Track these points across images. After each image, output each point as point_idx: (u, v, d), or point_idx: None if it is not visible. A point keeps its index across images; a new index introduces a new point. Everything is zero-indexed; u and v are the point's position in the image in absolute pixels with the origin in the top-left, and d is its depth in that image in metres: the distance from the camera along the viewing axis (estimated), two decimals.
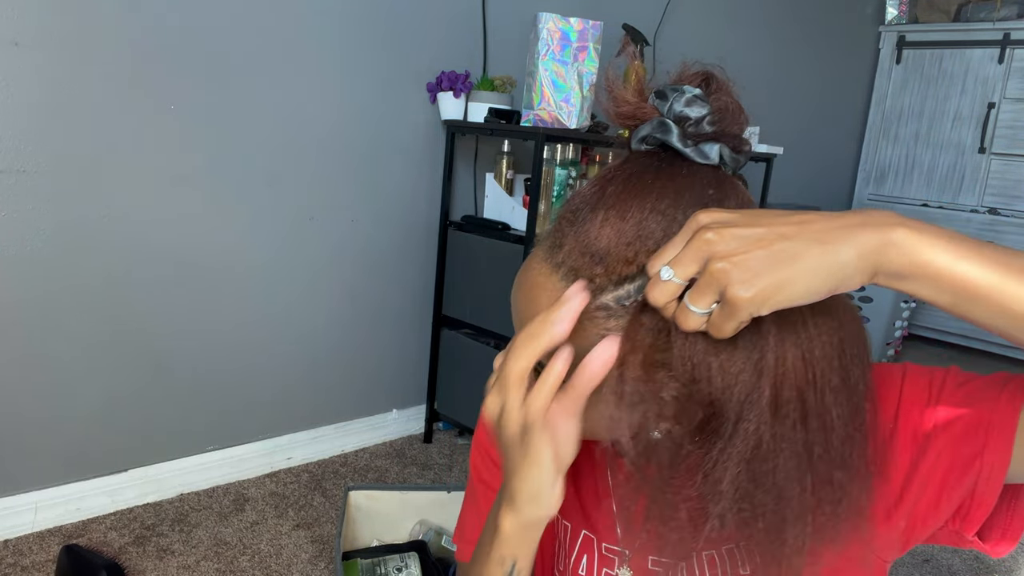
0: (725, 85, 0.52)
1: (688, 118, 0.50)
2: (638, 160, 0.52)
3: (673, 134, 0.50)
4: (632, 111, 0.52)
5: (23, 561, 1.52)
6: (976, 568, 1.83)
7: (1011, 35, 3.47)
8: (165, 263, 1.71)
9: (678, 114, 0.50)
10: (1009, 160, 3.52)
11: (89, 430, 1.67)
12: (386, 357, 2.20)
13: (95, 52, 1.52)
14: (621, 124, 0.53)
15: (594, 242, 0.49)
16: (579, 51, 1.88)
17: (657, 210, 0.48)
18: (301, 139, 1.87)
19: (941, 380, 0.54)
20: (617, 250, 0.48)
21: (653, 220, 0.48)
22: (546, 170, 1.92)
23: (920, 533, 0.55)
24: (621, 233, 0.48)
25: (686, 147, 0.50)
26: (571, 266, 0.50)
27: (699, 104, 0.50)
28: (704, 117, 0.50)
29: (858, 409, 0.49)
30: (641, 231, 0.48)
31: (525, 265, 0.55)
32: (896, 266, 0.41)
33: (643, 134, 0.51)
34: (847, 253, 0.41)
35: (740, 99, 0.52)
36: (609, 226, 0.49)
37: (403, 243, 2.15)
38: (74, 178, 1.55)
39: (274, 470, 2.00)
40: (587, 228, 0.50)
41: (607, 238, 0.49)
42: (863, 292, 3.22)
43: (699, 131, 0.50)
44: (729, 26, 3.04)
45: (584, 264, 0.49)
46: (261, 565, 1.58)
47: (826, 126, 3.80)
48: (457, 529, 0.75)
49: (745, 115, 0.52)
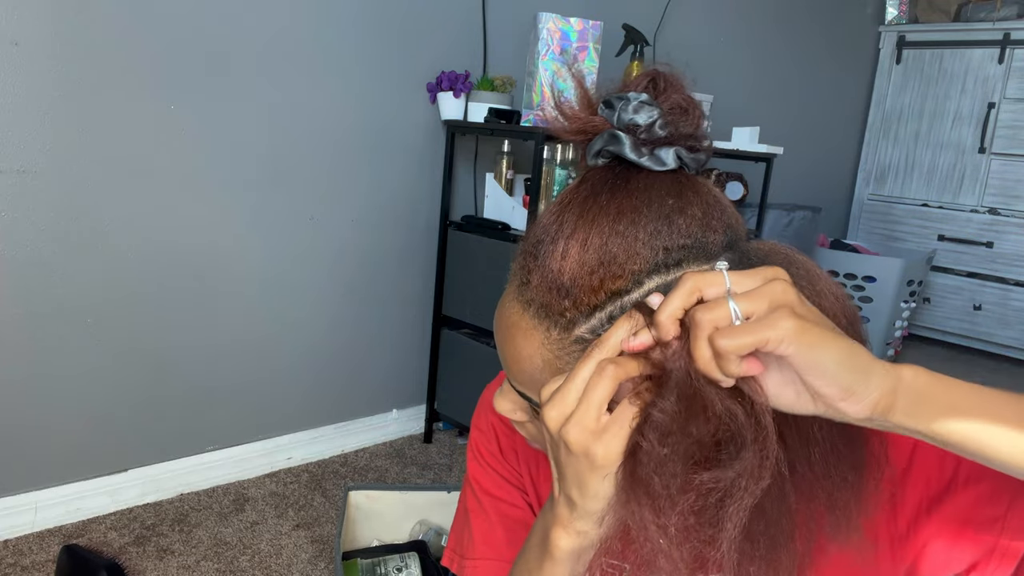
0: (674, 81, 0.50)
1: (638, 125, 0.48)
2: (595, 177, 0.50)
3: (625, 145, 0.48)
4: (581, 126, 0.50)
5: (23, 561, 1.52)
6: None
7: (1011, 35, 3.47)
8: (165, 263, 1.71)
9: (627, 123, 0.48)
10: (1009, 160, 3.52)
11: (89, 430, 1.67)
12: (386, 357, 2.20)
13: (95, 52, 1.52)
14: (573, 140, 0.51)
15: (558, 276, 0.48)
16: (579, 51, 1.88)
17: (616, 232, 0.47)
18: (301, 139, 1.87)
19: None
20: (582, 281, 0.47)
21: (613, 243, 0.46)
22: (546, 170, 1.92)
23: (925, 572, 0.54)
24: (583, 263, 0.47)
25: (641, 157, 0.48)
26: (540, 303, 0.49)
27: (647, 108, 0.48)
28: (654, 121, 0.48)
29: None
30: (603, 257, 0.47)
31: (500, 303, 0.54)
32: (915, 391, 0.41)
33: (596, 148, 0.49)
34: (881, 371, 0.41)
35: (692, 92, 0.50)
36: (571, 258, 0.47)
37: (403, 243, 2.15)
38: (74, 178, 1.55)
39: (274, 470, 2.00)
40: (549, 263, 0.48)
41: (570, 271, 0.47)
42: (863, 292, 3.22)
43: (652, 136, 0.48)
44: (729, 26, 3.04)
45: (552, 300, 0.48)
46: (261, 565, 1.58)
47: (826, 126, 3.80)
48: (457, 544, 0.71)
49: (699, 109, 0.50)
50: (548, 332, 0.49)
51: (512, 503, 0.69)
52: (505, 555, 0.67)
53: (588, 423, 0.45)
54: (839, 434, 0.47)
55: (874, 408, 0.40)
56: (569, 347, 0.48)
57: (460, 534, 0.71)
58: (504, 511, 0.69)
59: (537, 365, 0.50)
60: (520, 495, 0.70)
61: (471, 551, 0.69)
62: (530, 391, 0.52)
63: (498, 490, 0.69)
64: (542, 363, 0.50)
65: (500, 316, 0.53)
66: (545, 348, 0.49)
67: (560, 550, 0.50)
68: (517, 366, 0.52)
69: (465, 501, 0.72)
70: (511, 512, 0.69)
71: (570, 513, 0.49)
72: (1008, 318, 3.53)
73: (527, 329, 0.50)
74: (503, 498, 0.69)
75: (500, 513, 0.69)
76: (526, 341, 0.50)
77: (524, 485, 0.70)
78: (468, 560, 0.68)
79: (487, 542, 0.68)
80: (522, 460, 0.70)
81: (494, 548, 0.68)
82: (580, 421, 0.45)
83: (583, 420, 0.45)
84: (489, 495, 0.70)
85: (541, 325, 0.49)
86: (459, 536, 0.71)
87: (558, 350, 0.49)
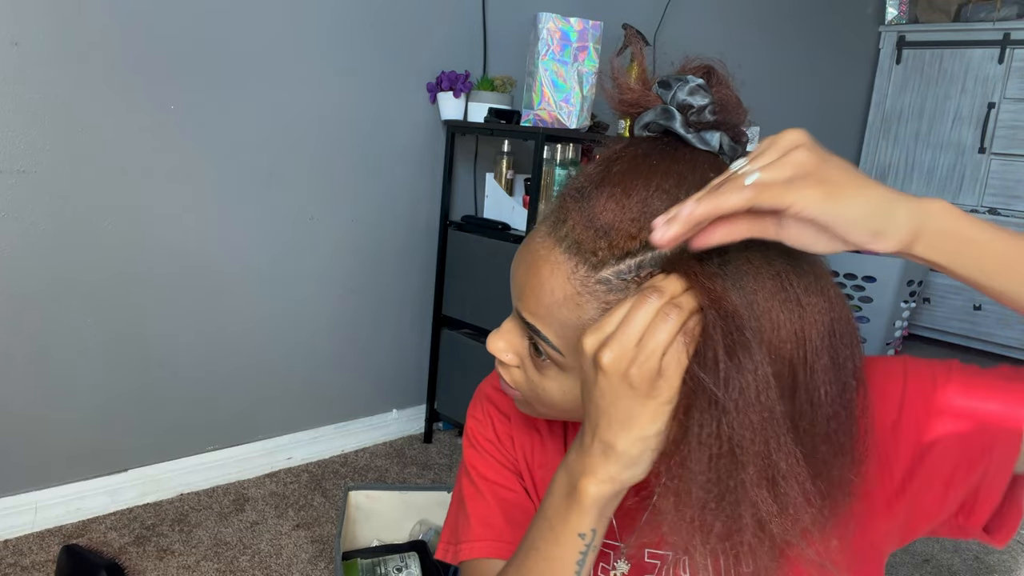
0: (725, 79, 0.54)
1: (691, 106, 0.52)
2: (642, 144, 0.53)
3: (676, 120, 0.52)
4: (636, 99, 0.53)
5: (23, 561, 1.52)
6: (976, 568, 1.83)
7: (1011, 35, 3.47)
8: (165, 263, 1.71)
9: (681, 102, 0.52)
10: (1009, 160, 3.52)
11: (89, 430, 1.67)
12: (386, 357, 2.20)
13: (95, 52, 1.52)
14: (624, 111, 0.54)
15: (599, 217, 0.50)
16: (579, 51, 1.88)
17: (662, 189, 0.49)
18: (301, 139, 1.87)
19: (945, 373, 0.54)
20: (621, 225, 0.49)
21: (657, 199, 0.49)
22: (546, 170, 1.92)
23: (922, 526, 0.56)
24: (626, 209, 0.49)
25: (688, 133, 0.51)
26: (575, 239, 0.51)
27: (702, 93, 0.51)
28: (706, 106, 0.52)
29: (846, 389, 0.50)
30: (646, 208, 0.49)
31: (527, 239, 0.56)
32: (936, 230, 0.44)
33: (646, 120, 0.53)
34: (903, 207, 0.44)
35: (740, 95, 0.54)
36: (614, 202, 0.50)
37: (403, 243, 2.15)
38: (74, 178, 1.55)
39: (274, 470, 2.00)
40: (592, 204, 0.51)
41: (612, 213, 0.50)
42: (863, 292, 3.22)
43: (701, 119, 0.52)
44: (729, 26, 3.04)
45: (588, 237, 0.50)
46: (261, 565, 1.58)
47: (826, 126, 3.80)
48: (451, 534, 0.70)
49: (744, 109, 0.54)
50: (576, 268, 0.51)
51: (509, 487, 0.70)
52: (504, 536, 0.67)
53: (652, 364, 0.46)
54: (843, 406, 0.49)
55: (900, 244, 0.44)
56: (593, 286, 0.50)
57: (454, 524, 0.71)
58: (501, 495, 0.69)
59: (557, 298, 0.52)
60: (516, 480, 0.70)
61: (467, 534, 0.68)
62: (542, 323, 0.54)
63: (495, 475, 0.70)
64: (563, 297, 0.52)
65: (526, 249, 0.55)
66: (569, 283, 0.51)
67: (590, 497, 0.51)
68: (535, 298, 0.53)
69: (460, 491, 0.72)
70: (508, 496, 0.69)
71: (605, 459, 0.50)
72: (1008, 318, 3.53)
73: (555, 263, 0.52)
74: (500, 482, 0.70)
75: (498, 496, 0.69)
76: (552, 274, 0.52)
77: (520, 471, 0.71)
78: (464, 543, 0.68)
79: (485, 524, 0.68)
80: (518, 446, 0.71)
81: (493, 529, 0.68)
82: (644, 363, 0.46)
83: (647, 362, 0.46)
84: (486, 480, 0.70)
85: (570, 260, 0.51)
86: (453, 526, 0.71)
87: (581, 287, 0.51)
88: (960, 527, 0.55)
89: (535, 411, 0.62)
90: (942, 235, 0.45)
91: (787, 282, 0.48)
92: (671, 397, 0.47)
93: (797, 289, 0.48)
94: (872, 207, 0.43)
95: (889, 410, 0.54)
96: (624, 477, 0.50)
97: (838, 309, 0.50)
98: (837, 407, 0.49)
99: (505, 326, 0.60)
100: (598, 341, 0.48)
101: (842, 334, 0.50)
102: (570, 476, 0.52)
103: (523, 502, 0.70)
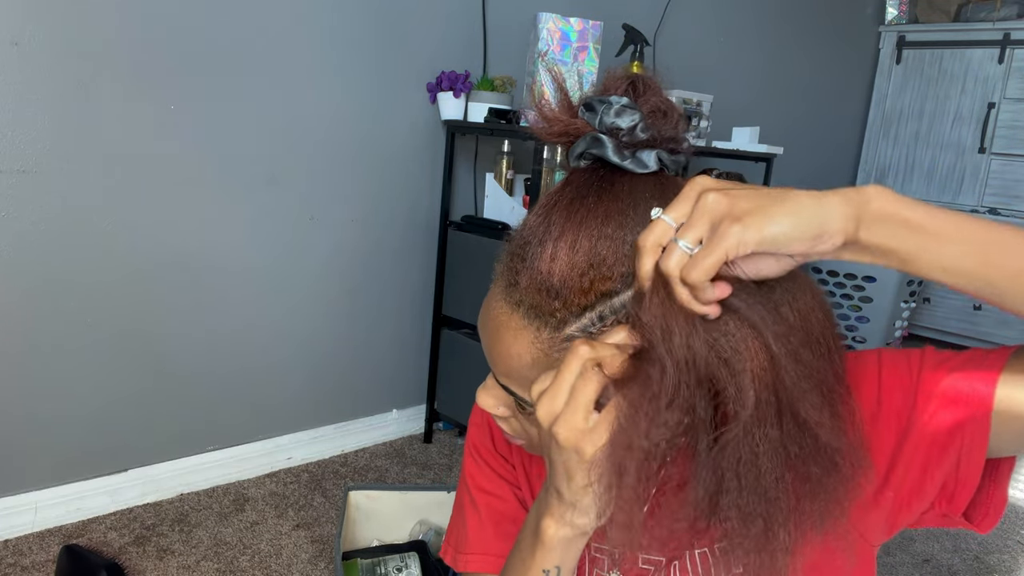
0: (652, 84, 0.51)
1: (620, 128, 0.49)
2: (579, 179, 0.51)
3: (608, 148, 0.49)
4: (564, 128, 0.51)
5: (23, 561, 1.52)
6: (976, 569, 1.83)
7: (1011, 35, 3.47)
8: (165, 263, 1.71)
9: (609, 126, 0.49)
10: (1009, 160, 3.52)
11: (89, 430, 1.67)
12: (386, 357, 2.20)
13: (95, 52, 1.52)
14: (555, 142, 0.53)
15: (548, 278, 0.49)
16: (579, 51, 1.88)
17: (604, 235, 0.48)
18: (301, 139, 1.87)
19: (919, 361, 0.54)
20: (572, 282, 0.48)
21: (603, 246, 0.48)
22: (546, 170, 1.92)
23: (906, 515, 0.55)
24: (573, 266, 0.48)
25: (623, 160, 0.49)
26: (530, 304, 0.50)
27: (628, 112, 0.49)
28: (636, 125, 0.49)
29: (829, 400, 0.48)
30: (592, 260, 0.48)
31: (486, 303, 0.55)
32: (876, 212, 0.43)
33: (579, 151, 0.50)
34: (833, 201, 0.43)
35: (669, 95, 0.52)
36: (560, 260, 0.49)
37: (403, 243, 2.15)
38: (74, 178, 1.55)
39: (274, 470, 2.00)
40: (538, 265, 0.50)
41: (560, 272, 0.49)
42: (863, 292, 3.22)
43: (633, 139, 0.50)
44: (729, 26, 3.04)
45: (542, 300, 0.50)
46: (261, 565, 1.58)
47: (826, 126, 3.80)
48: (453, 538, 0.74)
49: (679, 112, 0.52)
50: (539, 331, 0.50)
51: (501, 498, 0.71)
52: (492, 549, 0.70)
53: (577, 423, 0.47)
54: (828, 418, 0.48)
55: (844, 235, 0.43)
56: (560, 344, 0.50)
57: (456, 528, 0.74)
58: (494, 506, 0.71)
59: (526, 362, 0.51)
60: (511, 490, 0.72)
61: (465, 546, 0.71)
62: (516, 387, 0.54)
63: (490, 484, 0.71)
64: (531, 360, 0.51)
65: (487, 315, 0.54)
66: (535, 346, 0.51)
67: (550, 538, 0.53)
68: (505, 363, 0.53)
69: (461, 497, 0.74)
70: (500, 507, 0.71)
71: (559, 504, 0.52)
72: (1008, 318, 3.53)
73: (516, 329, 0.51)
74: (494, 492, 0.71)
75: (490, 508, 0.71)
76: (515, 340, 0.51)
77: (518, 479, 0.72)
78: (461, 555, 0.71)
79: (478, 537, 0.70)
80: (515, 454, 0.72)
81: (484, 543, 0.70)
82: (569, 420, 0.47)
83: (572, 419, 0.47)
84: (481, 491, 0.72)
85: (531, 325, 0.50)
86: (455, 530, 0.74)
87: (548, 348, 0.50)
88: (943, 514, 0.54)
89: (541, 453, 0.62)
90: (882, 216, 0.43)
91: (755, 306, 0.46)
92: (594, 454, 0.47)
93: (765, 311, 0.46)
94: (801, 216, 0.42)
95: (868, 403, 0.54)
96: (579, 523, 0.52)
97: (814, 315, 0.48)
98: (823, 420, 0.48)
99: (489, 381, 0.59)
100: (537, 394, 0.49)
101: (820, 342, 0.48)
102: (537, 515, 0.54)
103: (514, 512, 0.71)
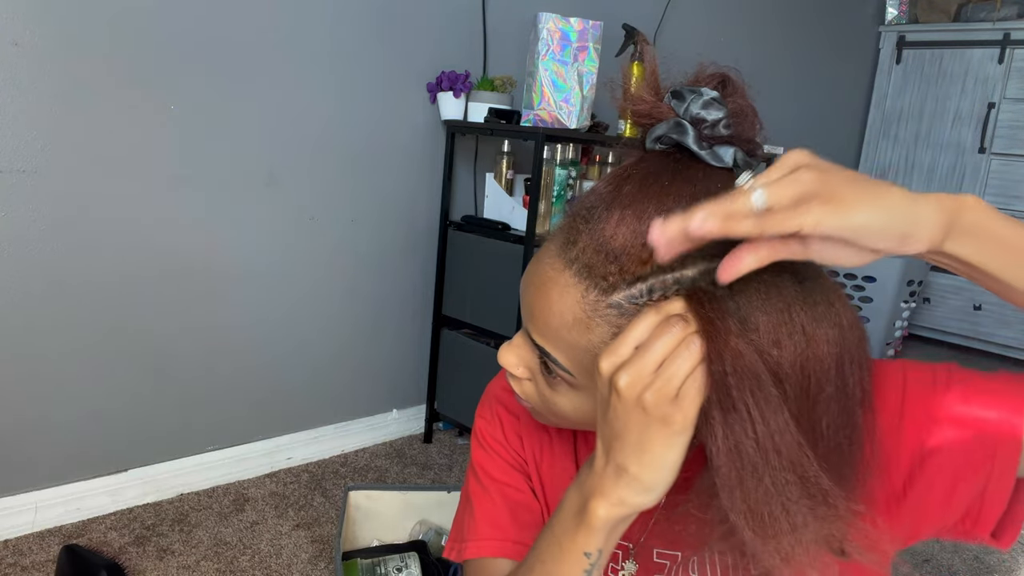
0: (741, 88, 0.52)
1: (704, 120, 0.50)
2: (653, 160, 0.52)
3: (689, 136, 0.50)
4: (648, 110, 0.52)
5: (23, 561, 1.52)
6: (976, 569, 1.83)
7: (1011, 35, 3.47)
8: (165, 263, 1.71)
9: (694, 116, 0.50)
10: (1009, 160, 3.52)
11: (89, 430, 1.67)
12: (386, 357, 2.20)
13: (95, 52, 1.52)
14: (636, 122, 0.53)
15: (609, 241, 0.49)
16: (579, 51, 1.88)
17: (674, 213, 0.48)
18: (301, 139, 1.87)
19: (945, 379, 0.54)
20: (633, 250, 0.49)
21: None
22: (546, 170, 1.92)
23: (925, 529, 0.56)
24: (637, 234, 0.49)
25: (701, 149, 0.50)
26: (585, 263, 0.50)
27: (716, 107, 0.50)
28: (720, 120, 0.50)
29: (851, 416, 0.49)
30: None
31: (536, 259, 0.55)
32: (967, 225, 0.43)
33: (658, 134, 0.51)
34: (927, 206, 0.43)
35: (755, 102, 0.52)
36: (625, 226, 0.49)
37: (403, 243, 2.15)
38: (74, 178, 1.55)
39: (274, 470, 2.00)
40: (602, 227, 0.50)
41: (623, 237, 0.49)
42: (863, 292, 3.22)
43: (714, 134, 0.50)
44: (729, 26, 3.04)
45: (599, 262, 0.50)
46: (261, 565, 1.58)
47: (826, 126, 3.80)
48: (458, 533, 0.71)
49: (760, 119, 0.52)
50: (586, 292, 0.50)
51: (516, 487, 0.70)
52: (510, 535, 0.67)
53: (668, 391, 0.46)
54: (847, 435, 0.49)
55: (931, 243, 0.43)
56: (604, 310, 0.50)
57: (461, 523, 0.71)
58: (508, 494, 0.69)
59: (567, 321, 0.51)
60: (524, 480, 0.70)
61: (473, 533, 0.69)
62: (551, 344, 0.53)
63: (502, 474, 0.70)
64: (572, 320, 0.51)
65: (535, 271, 0.54)
66: (578, 306, 0.51)
67: (599, 519, 0.51)
68: (543, 319, 0.53)
69: (467, 490, 0.72)
70: (515, 496, 0.69)
71: (616, 481, 0.50)
72: (1008, 318, 3.53)
73: (565, 285, 0.51)
74: (507, 482, 0.70)
75: (505, 496, 0.69)
76: (560, 297, 0.51)
77: (528, 471, 0.71)
78: (470, 542, 0.69)
79: (491, 523, 0.68)
80: (526, 446, 0.71)
81: (499, 529, 0.68)
82: (660, 389, 0.46)
83: (664, 388, 0.46)
84: (493, 479, 0.70)
85: (581, 284, 0.50)
86: (460, 526, 0.71)
87: (591, 311, 0.50)
88: (966, 532, 0.54)
89: (548, 421, 0.62)
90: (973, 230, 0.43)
91: (794, 312, 0.47)
92: (685, 427, 0.46)
93: (803, 319, 0.47)
94: (893, 213, 0.42)
95: (889, 416, 0.54)
96: (635, 501, 0.50)
97: (850, 338, 0.49)
98: (840, 438, 0.48)
99: (516, 340, 0.59)
100: (614, 365, 0.48)
101: (852, 362, 0.49)
102: (581, 495, 0.52)
103: (530, 503, 0.70)
